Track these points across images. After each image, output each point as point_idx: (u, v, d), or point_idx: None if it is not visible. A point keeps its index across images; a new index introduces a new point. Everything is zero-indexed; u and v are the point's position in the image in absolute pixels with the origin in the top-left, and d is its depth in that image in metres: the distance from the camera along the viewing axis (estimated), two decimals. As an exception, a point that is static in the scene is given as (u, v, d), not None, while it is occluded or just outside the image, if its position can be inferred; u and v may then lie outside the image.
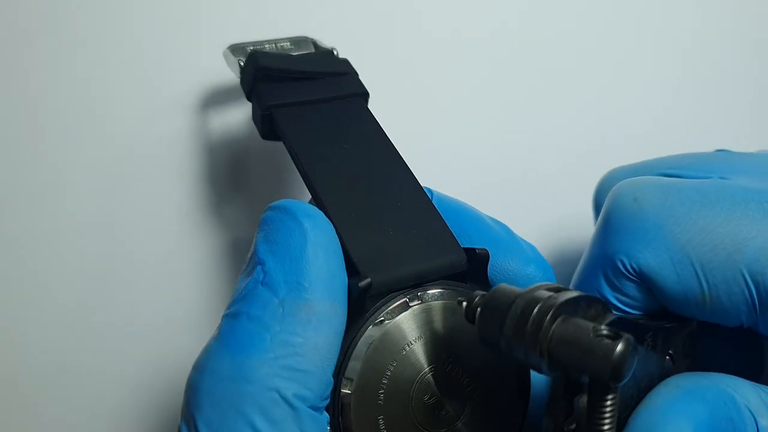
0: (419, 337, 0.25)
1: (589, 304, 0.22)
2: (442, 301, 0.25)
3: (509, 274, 0.28)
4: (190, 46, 0.35)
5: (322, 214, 0.25)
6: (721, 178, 0.27)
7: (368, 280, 0.24)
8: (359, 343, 0.25)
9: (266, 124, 0.31)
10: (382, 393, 0.25)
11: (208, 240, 0.35)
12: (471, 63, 0.39)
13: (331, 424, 0.24)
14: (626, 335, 0.21)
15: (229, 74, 0.33)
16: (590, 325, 0.21)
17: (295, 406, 0.22)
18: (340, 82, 0.32)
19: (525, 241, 0.29)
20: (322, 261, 0.24)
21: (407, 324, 0.25)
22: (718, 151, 0.29)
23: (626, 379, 0.21)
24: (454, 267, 0.26)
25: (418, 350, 0.25)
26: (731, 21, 0.41)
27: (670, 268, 0.25)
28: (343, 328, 0.24)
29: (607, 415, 0.22)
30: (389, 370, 0.25)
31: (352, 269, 0.25)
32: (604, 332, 0.21)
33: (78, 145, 0.34)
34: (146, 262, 0.34)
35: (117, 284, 0.34)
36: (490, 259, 0.27)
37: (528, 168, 0.38)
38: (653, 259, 0.25)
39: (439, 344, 0.25)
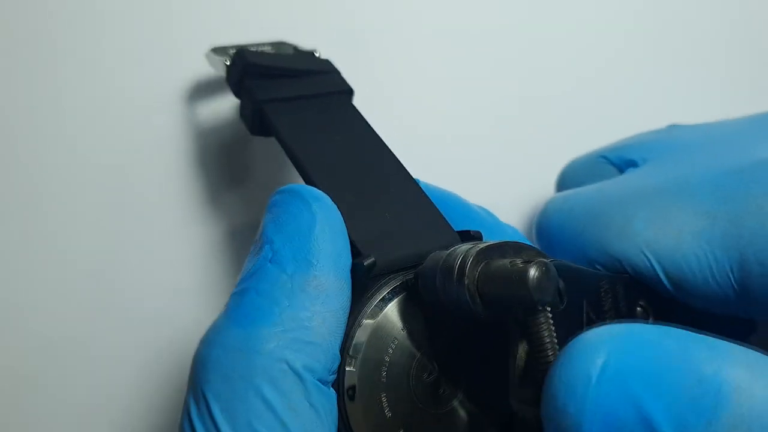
0: (420, 316, 0.26)
1: (518, 251, 0.24)
2: None
3: None
4: (187, 38, 0.36)
5: (328, 197, 0.26)
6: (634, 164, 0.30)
7: (372, 259, 0.25)
8: (363, 322, 0.25)
9: (256, 119, 0.31)
10: (384, 371, 0.25)
11: (207, 229, 0.36)
12: (458, 53, 0.41)
13: (337, 402, 0.25)
14: (541, 260, 0.22)
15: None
16: (508, 260, 0.23)
17: (303, 377, 0.23)
18: (325, 79, 0.33)
19: (508, 225, 0.31)
20: (329, 240, 0.25)
21: (408, 304, 0.26)
22: (669, 126, 0.32)
23: (549, 299, 0.22)
24: None
25: (417, 329, 0.26)
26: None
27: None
28: (349, 305, 0.25)
29: (545, 337, 0.23)
30: (391, 348, 0.26)
31: (355, 251, 0.26)
32: (520, 263, 0.22)
33: (78, 137, 0.35)
34: (146, 250, 0.35)
35: (117, 272, 0.34)
36: None
37: (511, 154, 0.39)
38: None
39: (437, 323, 0.26)
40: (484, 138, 0.40)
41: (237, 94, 0.33)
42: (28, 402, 0.33)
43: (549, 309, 0.23)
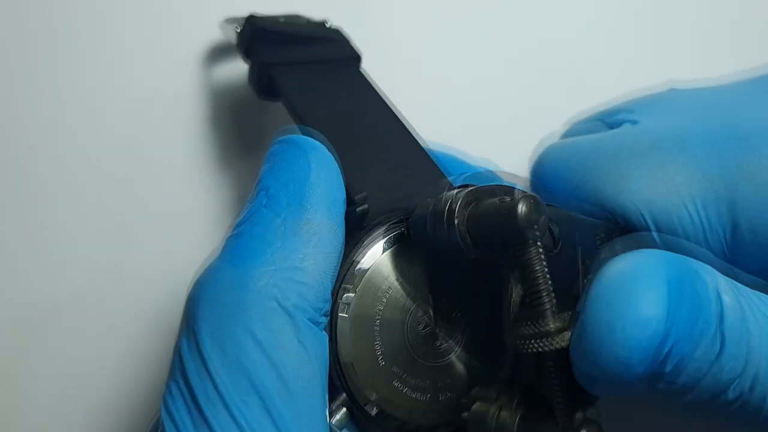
0: (414, 267, 0.26)
1: (509, 192, 0.24)
2: None
3: None
4: (202, 8, 0.37)
5: (325, 148, 0.26)
6: (633, 122, 0.30)
7: (365, 206, 0.26)
8: (356, 270, 0.26)
9: (264, 82, 0.32)
10: (378, 320, 0.26)
11: (219, 194, 0.36)
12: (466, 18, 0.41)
13: (329, 347, 0.25)
14: (530, 194, 0.22)
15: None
16: (497, 199, 0.23)
17: (294, 315, 0.23)
18: (333, 46, 0.34)
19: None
20: (324, 187, 0.25)
21: (403, 253, 0.26)
22: (670, 89, 0.32)
23: (538, 233, 0.22)
24: None
25: (412, 280, 0.26)
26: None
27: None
28: (342, 250, 0.25)
29: (537, 271, 0.23)
30: (384, 297, 0.26)
31: (350, 200, 0.26)
32: (509, 200, 0.23)
33: (95, 103, 0.36)
34: (159, 213, 0.36)
35: (130, 233, 0.35)
36: None
37: (516, 110, 0.39)
38: None
39: (432, 274, 0.26)
40: (488, 102, 0.40)
41: (246, 59, 0.33)
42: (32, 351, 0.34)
43: (539, 244, 0.23)
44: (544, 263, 0.23)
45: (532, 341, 0.23)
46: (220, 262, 0.24)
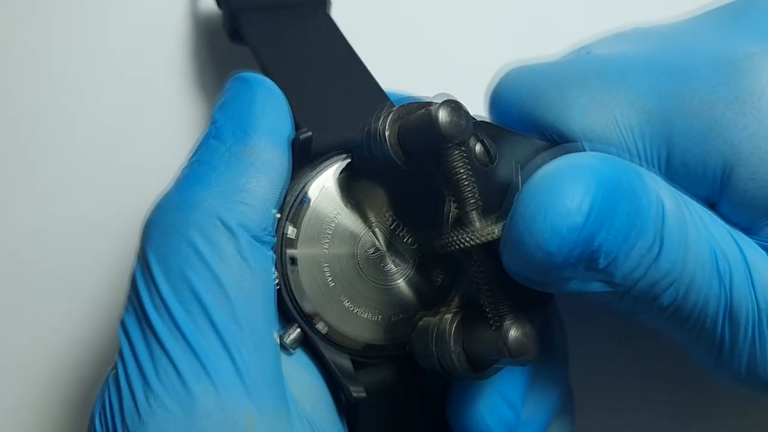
0: (362, 193, 0.27)
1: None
2: None
3: None
4: None
5: (273, 83, 0.27)
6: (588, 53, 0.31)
7: (309, 133, 0.26)
8: (306, 192, 0.27)
9: (233, 27, 0.33)
10: (326, 241, 0.27)
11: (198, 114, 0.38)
12: None
13: (277, 269, 0.26)
14: (451, 99, 0.23)
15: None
16: (422, 109, 0.24)
17: (236, 232, 0.24)
18: None
19: None
20: (269, 116, 0.26)
21: (351, 179, 0.27)
22: (634, 27, 0.32)
23: (460, 136, 0.23)
24: None
25: (362, 205, 0.27)
26: None
27: None
28: (287, 175, 0.26)
29: (461, 172, 0.24)
30: (334, 221, 0.27)
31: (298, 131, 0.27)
32: (431, 107, 0.23)
33: (89, 73, 0.37)
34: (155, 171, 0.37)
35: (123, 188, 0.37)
36: None
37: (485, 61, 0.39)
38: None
39: (383, 202, 0.28)
40: (458, 51, 0.41)
41: (218, 4, 0.35)
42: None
43: (464, 149, 0.24)
44: (468, 166, 0.24)
45: (457, 238, 0.24)
46: (169, 189, 0.26)
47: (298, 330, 0.27)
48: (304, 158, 0.27)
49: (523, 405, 0.28)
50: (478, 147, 0.26)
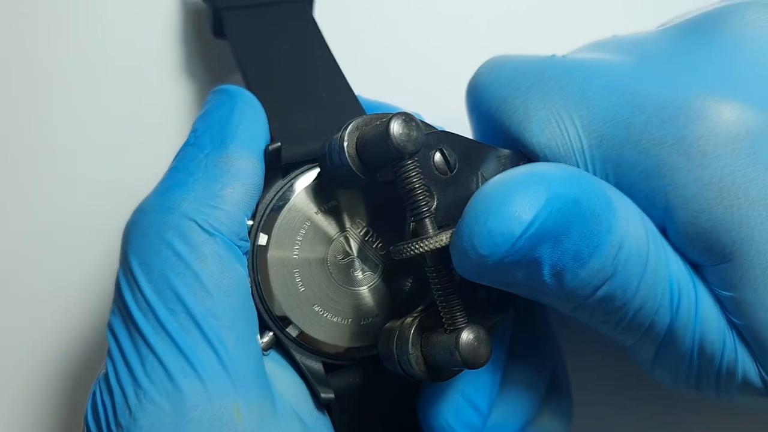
0: (333, 202, 0.28)
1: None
2: None
3: None
4: None
5: (253, 95, 0.29)
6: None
7: (278, 144, 0.28)
8: (275, 203, 0.28)
9: (217, 24, 0.34)
10: (297, 249, 0.28)
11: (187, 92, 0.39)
12: None
13: (250, 274, 0.27)
14: (404, 112, 0.24)
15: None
16: (378, 121, 0.25)
17: (212, 234, 0.25)
18: None
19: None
20: (246, 127, 0.27)
21: (322, 188, 0.28)
22: (613, 35, 0.32)
23: (412, 148, 0.24)
24: None
25: (332, 213, 0.28)
26: None
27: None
28: (260, 183, 0.27)
29: (414, 181, 0.25)
30: (303, 228, 0.28)
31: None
32: (386, 119, 0.24)
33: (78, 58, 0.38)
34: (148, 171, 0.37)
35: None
36: None
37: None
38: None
39: (353, 210, 0.28)
40: (436, 61, 0.41)
41: (203, 1, 0.36)
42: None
43: (416, 158, 0.25)
44: (421, 176, 0.25)
45: (408, 245, 0.25)
46: (150, 194, 0.27)
47: (271, 334, 0.27)
48: (277, 168, 0.28)
49: (491, 409, 0.29)
50: (437, 156, 0.27)
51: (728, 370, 0.26)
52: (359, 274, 0.28)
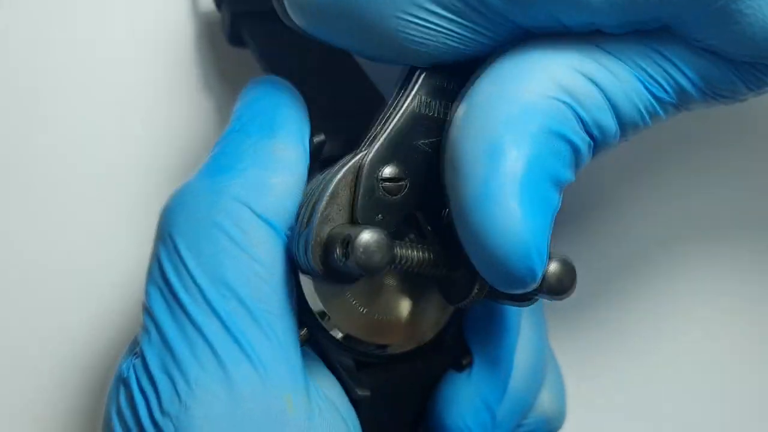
0: None
1: None
2: None
3: None
4: None
5: (295, 88, 0.28)
6: None
7: (322, 137, 0.27)
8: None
9: (233, 31, 0.33)
10: None
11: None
12: None
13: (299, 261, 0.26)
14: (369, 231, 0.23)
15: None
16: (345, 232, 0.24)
17: (266, 220, 0.24)
18: None
19: None
20: (293, 119, 0.27)
21: None
22: None
23: (372, 271, 0.23)
24: None
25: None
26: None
27: None
28: (305, 174, 0.26)
29: (414, 265, 0.25)
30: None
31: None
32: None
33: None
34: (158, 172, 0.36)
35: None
36: None
37: None
38: None
39: None
40: None
41: (218, 7, 0.35)
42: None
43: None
44: (411, 258, 0.25)
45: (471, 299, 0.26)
46: (194, 178, 0.26)
47: (305, 328, 0.27)
48: (315, 161, 0.28)
49: (500, 405, 0.29)
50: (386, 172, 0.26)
51: None
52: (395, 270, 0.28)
